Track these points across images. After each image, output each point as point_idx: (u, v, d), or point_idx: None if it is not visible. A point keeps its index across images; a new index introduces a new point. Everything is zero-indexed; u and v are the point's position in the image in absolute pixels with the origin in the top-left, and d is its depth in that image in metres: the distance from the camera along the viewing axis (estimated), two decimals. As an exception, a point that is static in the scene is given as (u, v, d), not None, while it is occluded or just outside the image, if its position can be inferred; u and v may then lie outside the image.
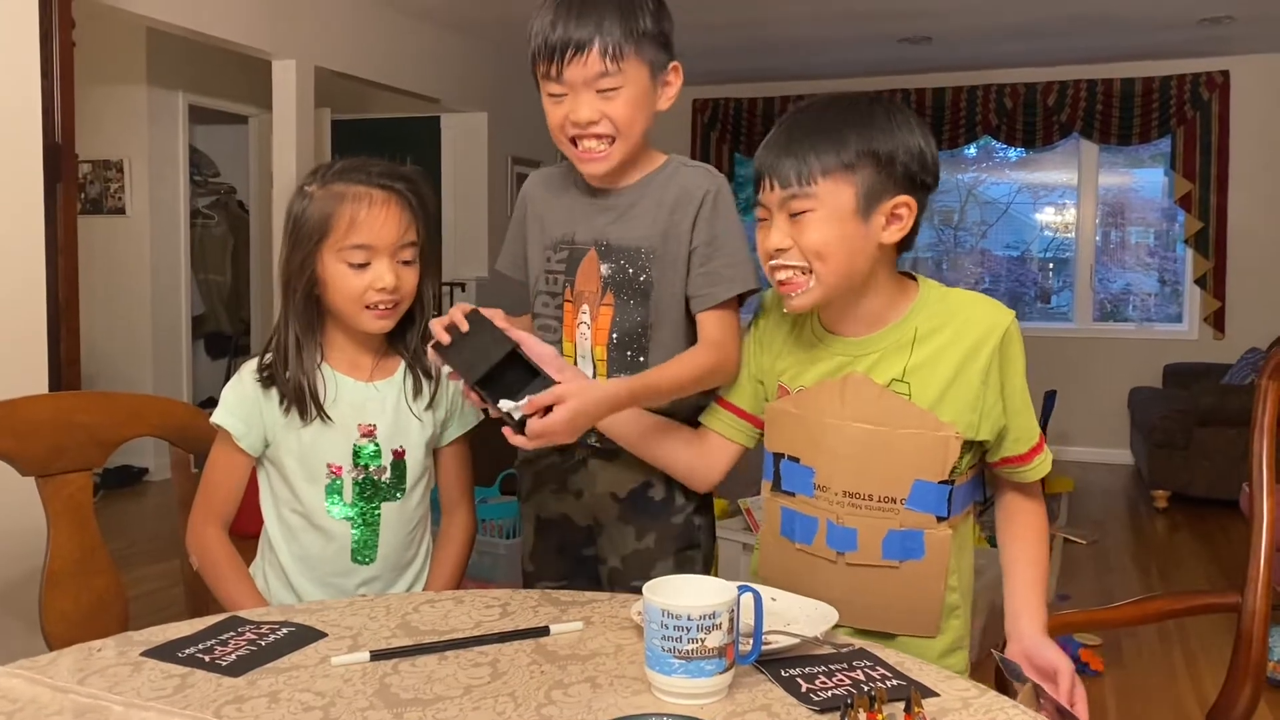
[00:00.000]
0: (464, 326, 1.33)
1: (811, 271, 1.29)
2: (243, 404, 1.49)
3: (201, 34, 4.27)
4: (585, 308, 1.54)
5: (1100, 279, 6.89)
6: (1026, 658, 1.32)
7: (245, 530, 1.55)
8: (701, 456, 1.51)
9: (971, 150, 7.14)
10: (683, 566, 1.58)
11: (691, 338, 1.52)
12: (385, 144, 6.37)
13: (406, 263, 1.47)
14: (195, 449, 1.74)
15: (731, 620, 1.03)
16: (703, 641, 1.00)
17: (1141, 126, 6.34)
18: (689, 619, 1.00)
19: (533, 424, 1.26)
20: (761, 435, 1.48)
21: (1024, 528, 1.43)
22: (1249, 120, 6.18)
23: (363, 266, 1.44)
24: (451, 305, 5.70)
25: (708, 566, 1.64)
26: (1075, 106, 6.44)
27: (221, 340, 6.65)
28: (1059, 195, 7.05)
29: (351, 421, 1.49)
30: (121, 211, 5.64)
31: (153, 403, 1.76)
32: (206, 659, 1.13)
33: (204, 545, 1.51)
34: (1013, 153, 6.97)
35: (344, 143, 6.13)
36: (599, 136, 1.45)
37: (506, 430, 1.29)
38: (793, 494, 1.39)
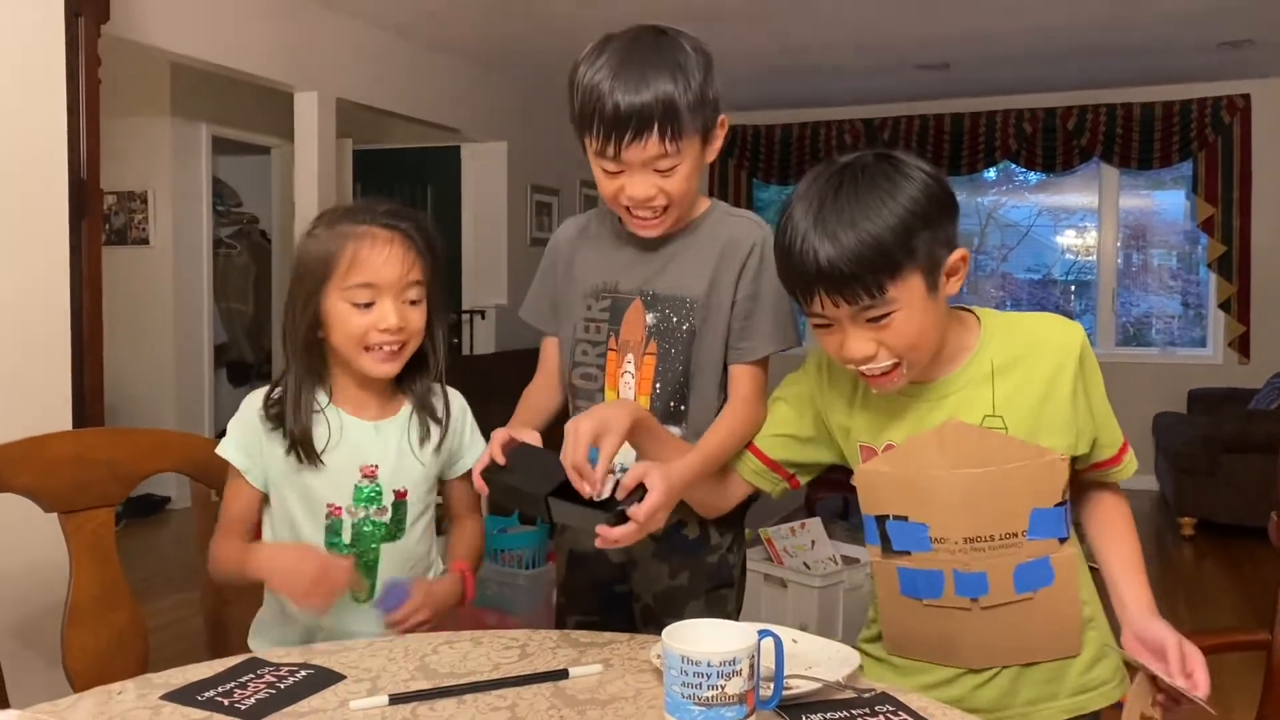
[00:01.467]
0: (502, 460, 1.32)
1: (902, 361, 1.25)
2: (246, 439, 1.49)
3: (225, 67, 4.33)
4: (630, 356, 1.54)
5: (1123, 302, 6.85)
6: (1140, 641, 1.28)
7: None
8: (721, 495, 1.50)
9: (991, 174, 7.13)
10: (714, 605, 1.57)
11: (724, 386, 1.53)
12: (406, 174, 6.49)
13: (412, 303, 1.45)
14: (215, 483, 1.74)
15: (752, 666, 1.02)
16: (723, 688, 0.99)
17: (1162, 150, 6.31)
18: (709, 665, 0.99)
19: (639, 509, 1.23)
20: (783, 483, 1.47)
21: (1112, 517, 1.41)
22: (1271, 143, 6.14)
23: (367, 306, 1.42)
24: (472, 333, 5.68)
25: (740, 604, 1.63)
26: (1095, 131, 6.43)
27: (243, 369, 6.70)
28: (1080, 218, 7.02)
29: (354, 462, 1.48)
30: (145, 242, 5.70)
31: (173, 438, 1.77)
32: (225, 703, 1.12)
33: (223, 553, 1.50)
34: (1033, 176, 6.95)
35: (365, 173, 6.20)
36: (654, 208, 1.45)
37: (604, 530, 1.24)
38: (908, 553, 1.34)
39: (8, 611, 2.13)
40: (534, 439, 1.36)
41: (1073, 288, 7.21)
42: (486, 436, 1.40)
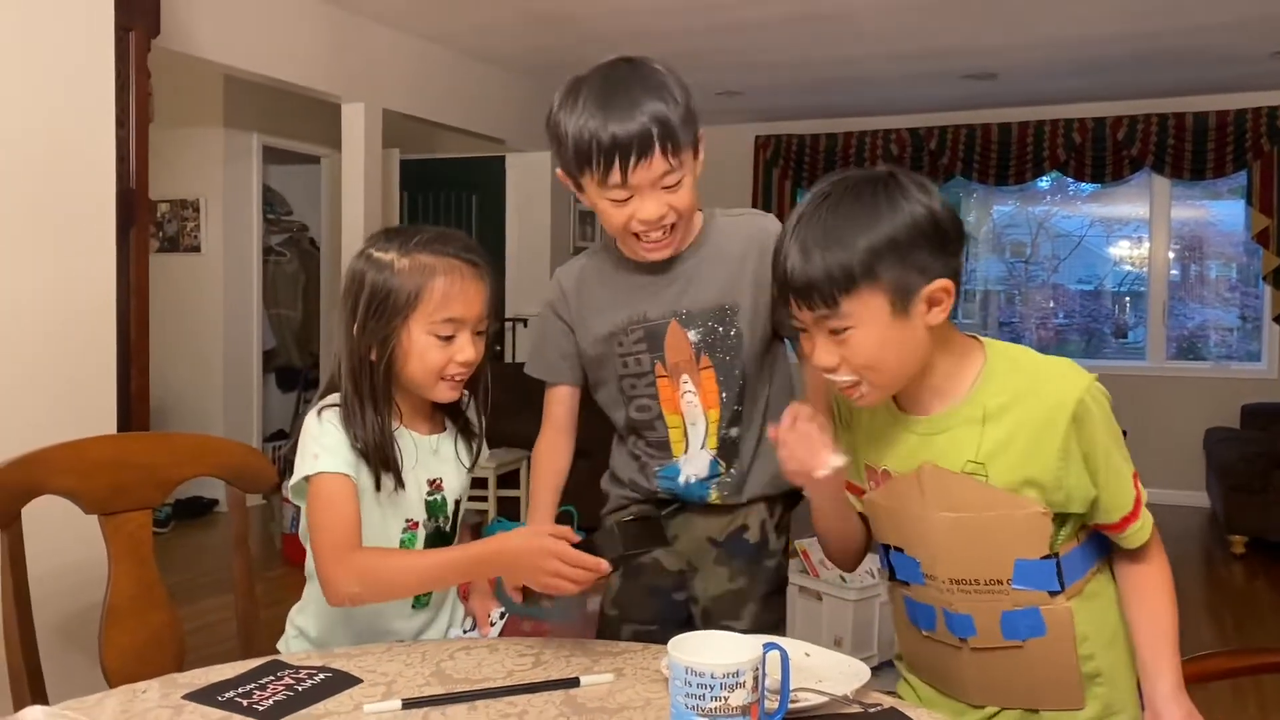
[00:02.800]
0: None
1: (863, 383, 1.25)
2: (344, 449, 1.43)
3: (274, 79, 4.42)
4: (685, 377, 1.56)
5: (1178, 315, 6.72)
6: None
7: (300, 560, 1.56)
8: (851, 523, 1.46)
9: (1045, 183, 7.04)
10: (770, 608, 1.63)
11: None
12: (452, 183, 6.56)
13: (480, 333, 1.48)
14: (252, 488, 1.79)
15: (756, 678, 1.02)
16: (726, 700, 1.00)
17: (1215, 161, 6.19)
18: (712, 676, 1.00)
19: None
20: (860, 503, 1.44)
21: (1136, 588, 1.34)
22: (1329, 154, 6.00)
23: (449, 339, 1.44)
24: (515, 340, 5.73)
25: (784, 617, 1.69)
26: (1146, 141, 6.32)
27: (292, 374, 6.81)
28: (1133, 229, 6.90)
29: (423, 477, 1.52)
30: (197, 249, 5.83)
31: (211, 443, 1.82)
32: (244, 703, 1.15)
33: (356, 569, 1.36)
34: (1086, 186, 6.85)
35: (412, 182, 6.28)
36: (664, 228, 1.47)
37: None
38: (907, 583, 1.36)
39: (51, 610, 2.19)
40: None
41: (1127, 299, 7.09)
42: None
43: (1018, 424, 1.26)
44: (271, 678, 1.23)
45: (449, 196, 6.55)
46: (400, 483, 1.46)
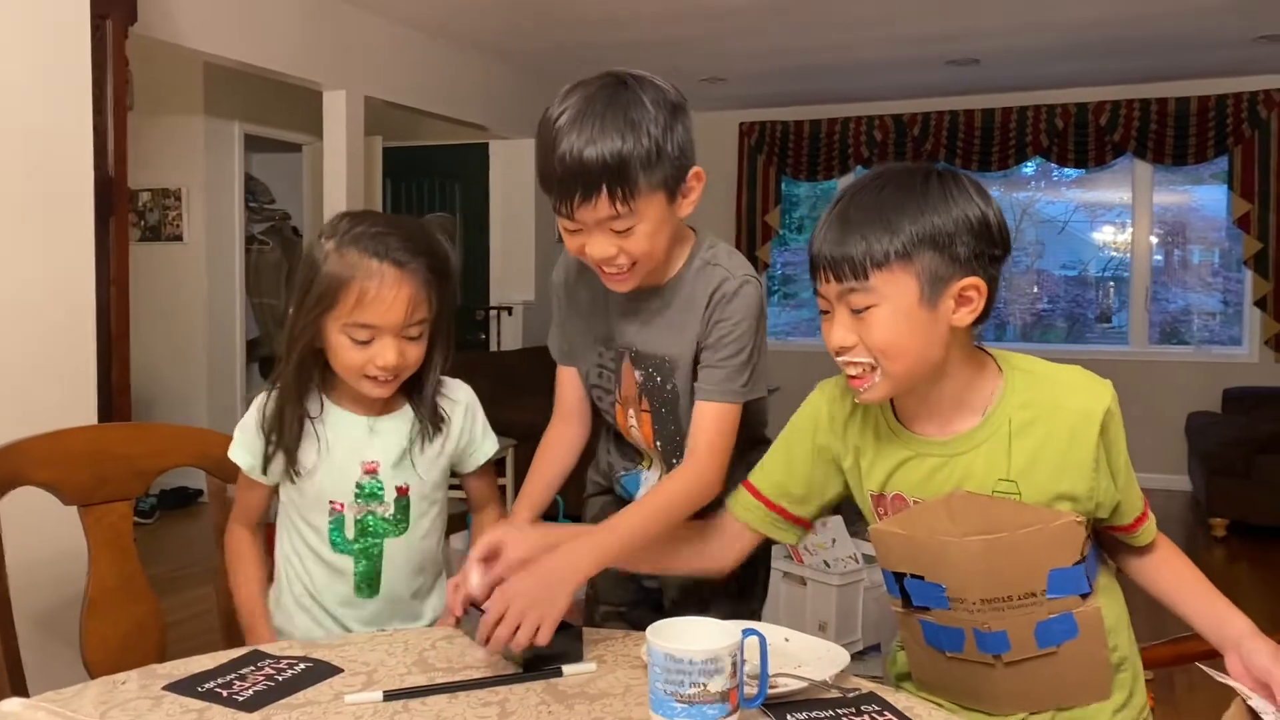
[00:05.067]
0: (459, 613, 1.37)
1: (876, 368, 1.22)
2: (252, 441, 1.52)
3: (254, 66, 4.39)
4: (631, 411, 1.54)
5: (1161, 299, 6.76)
6: (1246, 669, 1.23)
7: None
8: (715, 555, 1.43)
9: (1029, 169, 7.06)
10: (739, 600, 1.58)
11: None
12: (435, 171, 6.52)
13: (412, 338, 1.45)
14: (231, 478, 1.78)
15: (734, 664, 1.03)
16: (705, 686, 1.00)
17: (1197, 146, 6.22)
18: (691, 663, 1.01)
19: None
20: (782, 521, 1.42)
21: (1161, 567, 1.35)
22: (1310, 138, 6.03)
23: (366, 343, 1.42)
24: (499, 329, 5.70)
25: (763, 600, 1.65)
26: (1128, 126, 6.34)
27: (275, 363, 6.76)
28: (1117, 214, 6.93)
29: (354, 459, 1.49)
30: (179, 238, 5.79)
31: (190, 433, 1.81)
32: (224, 694, 1.15)
33: (230, 540, 1.60)
34: (1070, 171, 6.87)
35: (395, 169, 6.25)
36: (618, 266, 1.39)
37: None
38: (927, 609, 1.31)
39: (31, 602, 2.18)
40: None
41: (1110, 284, 7.13)
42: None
43: (1046, 438, 1.23)
44: (252, 668, 1.23)
45: (432, 184, 6.53)
46: (292, 472, 1.48)
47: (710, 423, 1.43)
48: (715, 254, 1.48)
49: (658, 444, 1.54)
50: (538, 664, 1.21)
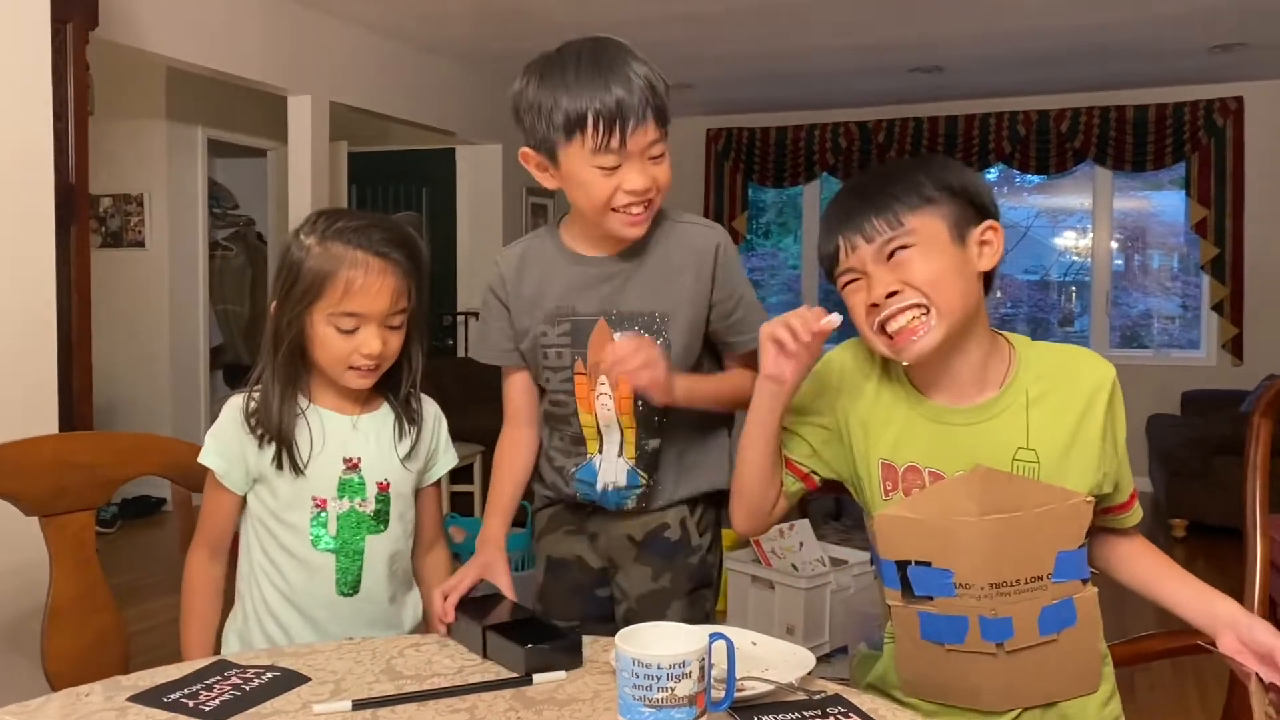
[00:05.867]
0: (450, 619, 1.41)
1: (930, 308, 1.22)
2: (227, 444, 1.51)
3: (217, 71, 4.35)
4: (603, 378, 1.54)
5: (1121, 304, 6.86)
6: (1244, 644, 1.26)
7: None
8: (771, 486, 1.41)
9: (992, 174, 7.15)
10: (696, 605, 1.60)
11: None
12: (402, 176, 6.49)
13: (394, 328, 1.48)
14: (196, 486, 1.76)
15: (702, 669, 1.03)
16: (672, 690, 1.01)
17: (1155, 153, 6.32)
18: (659, 668, 1.01)
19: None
20: (796, 483, 1.42)
21: (1150, 553, 1.40)
22: (1263, 146, 6.15)
23: (351, 332, 1.45)
24: (466, 334, 5.69)
25: (716, 602, 1.67)
26: (1089, 133, 6.44)
27: (240, 370, 6.71)
28: (1078, 220, 7.03)
29: (337, 455, 1.51)
30: (141, 244, 5.73)
31: (154, 441, 1.79)
32: (190, 704, 1.14)
33: (188, 570, 1.56)
34: (1033, 177, 6.96)
35: (362, 175, 6.21)
36: (645, 203, 1.45)
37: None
38: (930, 598, 1.30)
39: (-7, 613, 2.16)
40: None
41: (1072, 289, 7.22)
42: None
43: (1062, 407, 1.28)
44: (218, 678, 1.22)
45: (399, 189, 6.50)
46: (295, 464, 1.47)
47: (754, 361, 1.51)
48: (679, 213, 1.58)
49: (638, 404, 1.53)
50: (540, 670, 1.22)
